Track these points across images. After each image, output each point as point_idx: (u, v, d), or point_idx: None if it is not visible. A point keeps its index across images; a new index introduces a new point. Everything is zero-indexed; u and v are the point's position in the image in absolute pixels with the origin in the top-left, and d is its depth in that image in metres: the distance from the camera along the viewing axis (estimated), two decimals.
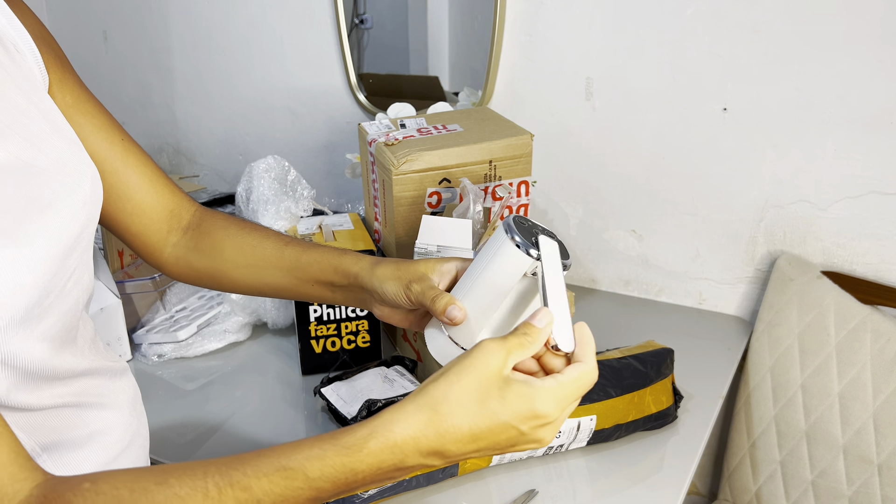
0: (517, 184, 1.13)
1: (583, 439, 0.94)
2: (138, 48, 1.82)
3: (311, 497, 0.47)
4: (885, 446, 1.10)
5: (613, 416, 0.94)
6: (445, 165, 1.07)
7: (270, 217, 1.21)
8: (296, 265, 0.71)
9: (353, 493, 0.48)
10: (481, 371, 0.49)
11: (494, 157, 1.09)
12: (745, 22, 1.17)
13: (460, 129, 1.14)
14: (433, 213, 1.09)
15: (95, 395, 0.66)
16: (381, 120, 1.22)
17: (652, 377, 0.98)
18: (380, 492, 0.83)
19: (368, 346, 1.15)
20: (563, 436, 0.92)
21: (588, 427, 0.93)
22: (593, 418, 0.93)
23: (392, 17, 1.57)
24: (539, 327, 0.53)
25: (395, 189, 1.07)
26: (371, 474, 0.47)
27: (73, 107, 0.68)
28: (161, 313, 1.27)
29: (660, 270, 1.38)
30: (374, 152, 1.13)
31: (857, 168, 1.16)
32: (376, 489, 0.83)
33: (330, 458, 0.46)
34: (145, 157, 0.73)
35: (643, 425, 0.98)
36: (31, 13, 0.65)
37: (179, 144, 1.91)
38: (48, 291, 0.55)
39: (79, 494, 0.47)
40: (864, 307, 1.14)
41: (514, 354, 0.51)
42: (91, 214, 0.62)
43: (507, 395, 0.49)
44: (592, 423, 0.93)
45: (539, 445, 0.52)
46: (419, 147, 1.07)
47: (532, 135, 1.11)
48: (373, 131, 1.15)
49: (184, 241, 0.76)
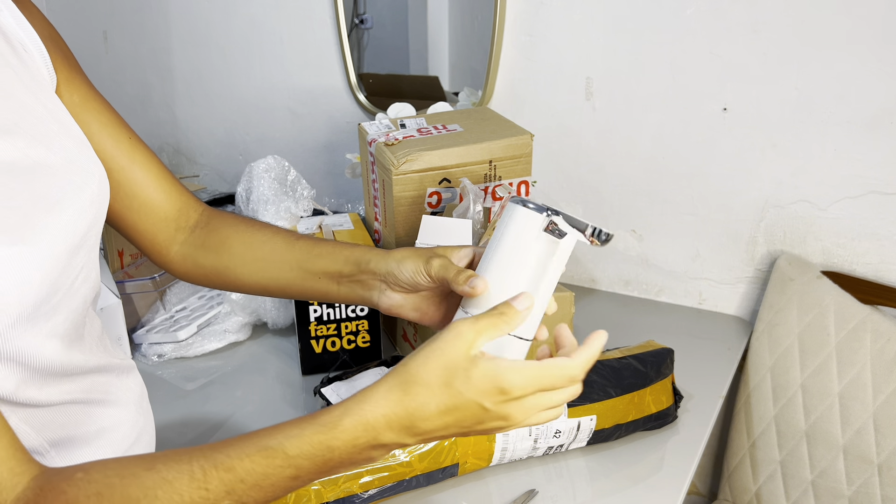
0: (517, 184, 1.13)
1: (583, 439, 0.94)
2: (138, 48, 1.82)
3: (291, 475, 0.48)
4: (885, 446, 1.10)
5: (613, 416, 0.94)
6: (445, 165, 1.07)
7: (270, 217, 1.21)
8: (306, 257, 0.71)
9: (334, 474, 0.51)
10: (449, 351, 0.50)
11: (494, 157, 1.09)
12: (745, 22, 1.17)
13: (460, 129, 1.14)
14: (433, 213, 1.09)
15: (103, 392, 0.66)
16: (381, 120, 1.22)
17: (652, 377, 0.98)
18: (380, 492, 0.84)
19: (368, 346, 1.15)
20: (563, 436, 0.92)
21: (588, 427, 0.93)
22: (593, 418, 0.93)
23: (392, 17, 1.57)
24: (518, 309, 0.54)
25: (396, 189, 1.07)
26: (347, 451, 0.49)
27: (81, 105, 0.68)
28: (161, 313, 1.27)
29: (660, 270, 1.38)
30: (374, 152, 1.13)
31: (857, 168, 1.16)
32: (377, 489, 0.83)
33: (307, 435, 0.48)
34: (152, 155, 0.74)
35: (643, 425, 0.98)
36: (38, 13, 0.66)
37: (179, 144, 1.91)
38: (56, 289, 0.56)
39: (72, 484, 0.48)
40: (864, 307, 1.14)
41: (484, 334, 0.52)
42: (98, 213, 0.62)
43: (473, 373, 0.50)
44: (592, 423, 0.93)
45: (507, 424, 0.52)
46: (419, 147, 1.07)
47: (532, 135, 1.11)
48: (373, 131, 1.15)
49: (191, 238, 0.76)
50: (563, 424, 0.91)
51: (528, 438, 0.90)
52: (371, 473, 0.82)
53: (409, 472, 0.85)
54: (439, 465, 0.86)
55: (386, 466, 0.83)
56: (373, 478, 0.82)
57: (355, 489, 0.81)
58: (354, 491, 0.81)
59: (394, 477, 0.84)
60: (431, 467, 0.86)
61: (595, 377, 0.94)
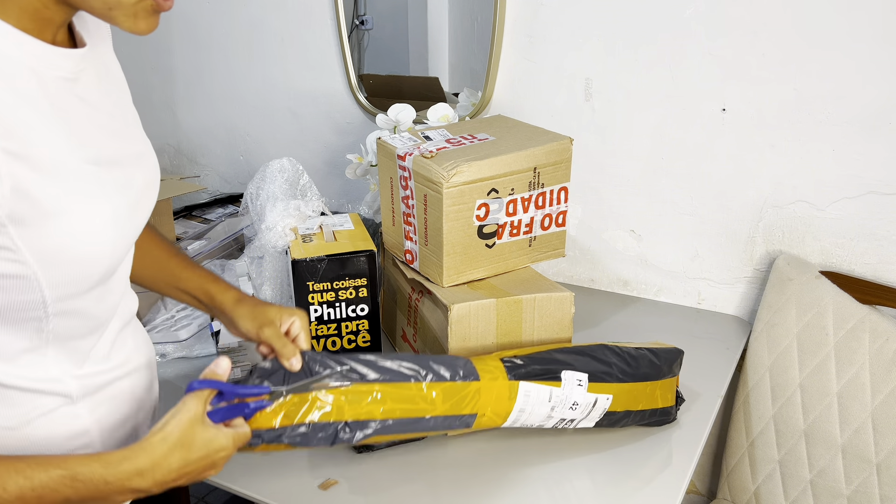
0: (557, 190, 1.09)
1: (594, 417, 0.94)
2: (139, 48, 1.83)
3: (68, 495, 0.59)
4: (883, 445, 1.11)
5: (627, 400, 0.95)
6: (494, 175, 1.02)
7: (277, 214, 1.20)
8: (174, 277, 0.87)
9: (103, 498, 0.63)
10: (185, 417, 0.66)
11: (539, 164, 1.05)
12: (745, 22, 1.17)
13: (491, 137, 1.09)
14: (481, 227, 1.04)
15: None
16: (400, 132, 1.18)
17: (665, 372, 0.99)
18: (397, 423, 0.81)
19: (368, 347, 1.16)
20: (579, 409, 0.92)
21: (603, 406, 0.93)
22: (609, 398, 0.93)
23: (392, 18, 1.58)
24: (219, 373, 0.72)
25: (446, 203, 0.99)
26: (117, 486, 0.61)
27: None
28: (162, 313, 1.28)
29: (659, 270, 1.39)
30: (410, 167, 1.04)
31: (855, 168, 1.17)
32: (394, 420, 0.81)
33: (94, 468, 0.60)
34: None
35: (648, 418, 0.99)
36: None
37: (180, 145, 1.92)
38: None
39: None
40: (863, 307, 1.15)
41: (207, 400, 0.69)
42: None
43: (200, 437, 0.66)
44: (608, 403, 0.93)
45: (215, 469, 0.69)
46: (464, 157, 1.01)
47: (571, 139, 1.09)
48: (400, 145, 1.08)
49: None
50: (581, 397, 0.91)
51: (547, 404, 0.90)
52: (395, 403, 0.81)
53: (430, 409, 0.83)
54: (460, 410, 0.85)
55: (409, 399, 0.82)
56: (395, 407, 0.81)
57: (376, 415, 0.80)
58: (375, 416, 0.80)
59: (414, 411, 0.82)
60: (452, 411, 0.85)
61: (614, 360, 0.94)
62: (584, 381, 0.91)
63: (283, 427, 0.74)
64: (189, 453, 0.64)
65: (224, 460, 0.68)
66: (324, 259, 1.09)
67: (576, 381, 0.91)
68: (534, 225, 1.08)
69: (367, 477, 0.93)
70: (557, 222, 1.12)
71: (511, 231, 1.07)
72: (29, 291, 0.59)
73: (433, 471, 0.95)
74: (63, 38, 0.65)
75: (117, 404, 0.74)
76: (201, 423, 0.66)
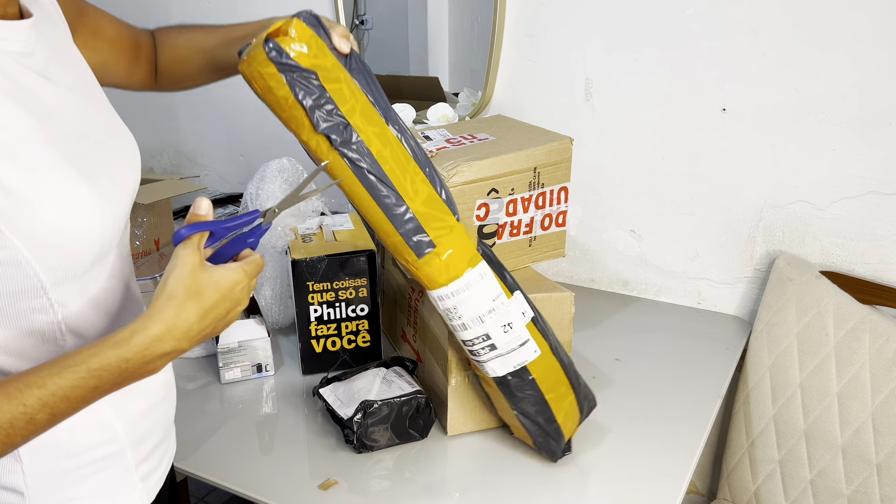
0: (557, 190, 1.09)
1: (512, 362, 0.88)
2: None
3: (93, 385, 0.58)
4: (883, 446, 1.11)
5: (545, 376, 0.89)
6: (494, 175, 1.02)
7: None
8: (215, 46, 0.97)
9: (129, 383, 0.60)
10: (183, 270, 0.62)
11: (539, 164, 1.05)
12: (745, 22, 1.17)
13: (491, 137, 1.10)
14: (481, 227, 1.04)
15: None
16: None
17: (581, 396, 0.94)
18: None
19: (368, 346, 1.16)
20: (508, 336, 0.86)
21: (526, 356, 0.87)
22: (538, 352, 0.88)
23: (392, 17, 1.58)
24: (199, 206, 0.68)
25: None
26: (138, 362, 0.59)
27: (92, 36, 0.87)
28: None
29: (659, 270, 1.39)
30: None
31: (855, 168, 1.17)
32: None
33: (105, 352, 0.58)
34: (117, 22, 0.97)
35: (543, 424, 0.92)
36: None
37: (181, 145, 1.92)
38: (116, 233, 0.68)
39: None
40: (863, 307, 1.15)
41: (200, 245, 0.65)
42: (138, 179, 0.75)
43: (209, 281, 0.63)
44: (533, 356, 0.88)
45: (240, 306, 0.66)
46: (463, 157, 1.00)
47: (571, 139, 1.09)
48: None
49: (151, 57, 1.03)
50: (518, 324, 0.86)
51: (489, 301, 0.85)
52: (391, 158, 0.82)
53: (410, 197, 0.82)
54: (428, 224, 0.83)
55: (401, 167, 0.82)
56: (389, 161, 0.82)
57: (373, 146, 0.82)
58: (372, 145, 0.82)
59: (397, 183, 0.82)
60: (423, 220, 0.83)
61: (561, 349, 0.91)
62: (528, 314, 0.87)
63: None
64: (202, 301, 0.61)
65: (246, 293, 0.65)
66: (324, 259, 1.09)
67: (523, 307, 0.87)
68: (534, 225, 1.08)
69: (367, 477, 0.93)
70: (557, 222, 1.12)
71: (511, 231, 1.07)
72: (25, 278, 0.59)
73: (433, 471, 0.95)
74: (14, 13, 0.64)
75: (140, 396, 0.73)
76: (202, 269, 0.62)
